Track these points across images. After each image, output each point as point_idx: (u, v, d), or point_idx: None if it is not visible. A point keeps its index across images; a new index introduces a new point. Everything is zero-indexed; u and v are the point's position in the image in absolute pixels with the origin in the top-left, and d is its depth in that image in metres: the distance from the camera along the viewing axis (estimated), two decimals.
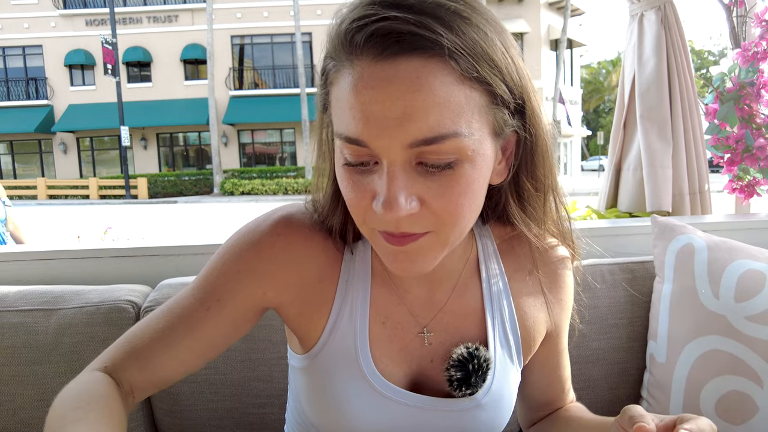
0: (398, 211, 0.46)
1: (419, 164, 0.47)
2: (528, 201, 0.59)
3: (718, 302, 0.91)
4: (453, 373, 0.59)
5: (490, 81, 0.47)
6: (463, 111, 0.46)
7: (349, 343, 0.60)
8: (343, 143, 0.48)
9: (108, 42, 15.67)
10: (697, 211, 1.51)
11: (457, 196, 0.48)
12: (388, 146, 0.46)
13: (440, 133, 0.45)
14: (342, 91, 0.48)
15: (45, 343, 0.91)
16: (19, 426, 0.91)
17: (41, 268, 1.10)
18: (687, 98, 1.47)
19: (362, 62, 0.46)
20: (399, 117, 0.44)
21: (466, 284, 0.63)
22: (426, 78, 0.44)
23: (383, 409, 0.59)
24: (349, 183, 0.50)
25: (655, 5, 1.47)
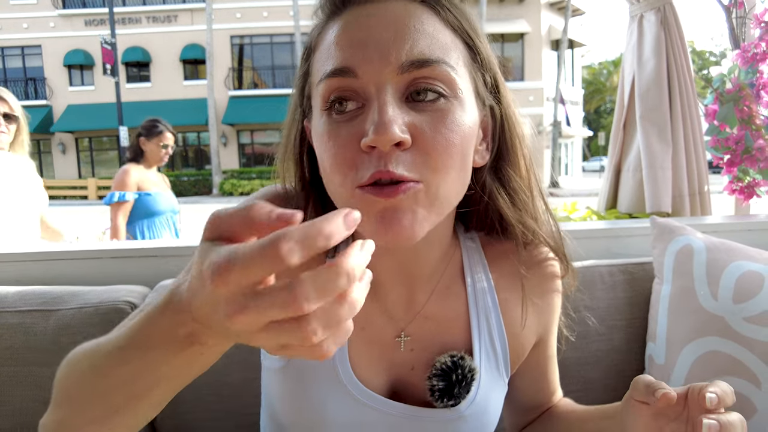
0: (392, 132, 0.42)
1: (408, 99, 0.46)
2: (515, 191, 0.57)
3: (717, 303, 0.91)
4: (435, 382, 0.56)
5: (471, 37, 0.50)
6: (450, 50, 0.47)
7: None
8: (326, 83, 0.46)
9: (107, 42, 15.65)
10: (696, 212, 1.51)
11: (447, 133, 0.45)
12: (378, 70, 0.44)
13: (431, 57, 0.45)
14: (328, 38, 0.48)
15: (44, 343, 0.91)
16: (17, 427, 0.91)
17: (40, 269, 1.10)
18: (687, 99, 1.47)
19: (352, 9, 0.48)
20: (389, 40, 0.45)
21: (448, 287, 0.60)
22: (415, 12, 0.47)
23: (361, 416, 0.57)
24: (332, 134, 0.46)
25: (655, 6, 1.47)
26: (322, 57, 0.48)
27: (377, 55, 0.44)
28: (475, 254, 0.62)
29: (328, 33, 0.48)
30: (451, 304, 0.60)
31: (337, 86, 0.46)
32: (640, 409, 0.48)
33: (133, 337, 0.38)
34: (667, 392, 0.44)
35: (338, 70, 0.45)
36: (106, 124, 18.51)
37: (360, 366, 0.58)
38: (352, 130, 0.45)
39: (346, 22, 0.47)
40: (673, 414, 0.47)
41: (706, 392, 0.43)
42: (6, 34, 19.85)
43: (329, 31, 0.48)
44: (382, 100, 0.44)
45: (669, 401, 0.45)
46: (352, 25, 0.46)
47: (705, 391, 0.43)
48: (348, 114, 0.46)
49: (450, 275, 0.60)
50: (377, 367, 0.59)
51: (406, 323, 0.59)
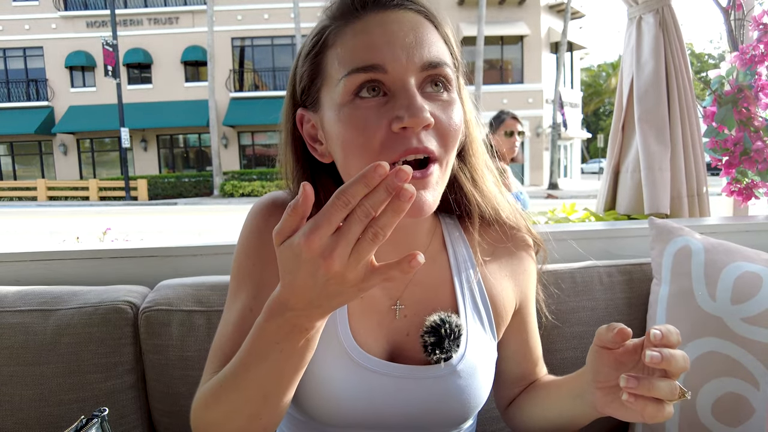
0: (425, 117, 0.52)
1: (423, 91, 0.56)
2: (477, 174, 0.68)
3: (715, 304, 0.91)
4: (427, 338, 0.63)
5: (453, 49, 0.60)
6: (447, 56, 0.58)
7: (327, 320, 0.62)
8: (354, 77, 0.54)
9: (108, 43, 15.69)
10: (695, 213, 1.51)
11: (455, 118, 0.57)
12: (405, 67, 0.54)
13: (442, 60, 0.56)
14: (350, 39, 0.56)
15: (43, 343, 0.91)
16: (17, 426, 0.91)
17: (40, 269, 1.11)
18: (685, 101, 1.48)
19: (370, 14, 0.56)
20: (413, 43, 0.55)
21: (433, 258, 0.69)
22: (424, 24, 0.57)
23: (362, 379, 0.62)
24: (360, 118, 0.54)
25: (654, 8, 1.48)
26: (344, 54, 0.56)
27: (404, 55, 0.54)
28: (454, 230, 0.72)
29: (348, 33, 0.56)
30: (437, 272, 0.68)
31: (368, 79, 0.54)
32: (603, 356, 0.54)
33: (250, 349, 0.50)
34: (622, 328, 0.51)
35: (370, 66, 0.54)
36: (107, 126, 18.53)
37: (360, 334, 0.64)
38: (382, 115, 0.54)
39: (368, 25, 0.56)
40: (630, 363, 0.53)
41: (651, 329, 0.49)
42: (8, 35, 19.89)
43: (349, 31, 0.56)
44: (411, 91, 0.54)
45: (624, 336, 0.51)
46: (376, 28, 0.55)
47: (650, 329, 0.49)
48: (374, 101, 0.54)
49: (434, 247, 0.69)
50: (376, 334, 0.65)
51: (399, 292, 0.67)
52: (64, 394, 0.91)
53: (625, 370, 0.52)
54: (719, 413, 0.88)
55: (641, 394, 0.48)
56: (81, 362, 0.91)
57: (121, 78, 17.41)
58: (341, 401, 0.62)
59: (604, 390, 0.55)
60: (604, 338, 0.52)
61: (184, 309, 0.94)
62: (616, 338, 0.51)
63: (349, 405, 0.62)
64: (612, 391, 0.54)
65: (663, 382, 0.48)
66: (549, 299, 1.03)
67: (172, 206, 15.82)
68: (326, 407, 0.63)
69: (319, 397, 0.63)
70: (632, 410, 0.50)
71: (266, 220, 0.65)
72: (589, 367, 0.56)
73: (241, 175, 18.52)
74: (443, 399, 0.63)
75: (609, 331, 0.51)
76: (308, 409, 0.65)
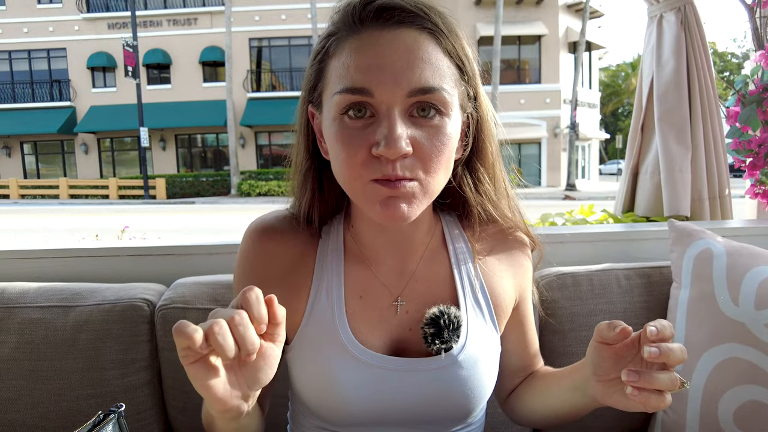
0: (400, 148, 0.53)
1: (410, 116, 0.56)
2: (480, 181, 0.69)
3: (738, 309, 0.89)
4: (426, 330, 0.64)
5: (461, 59, 0.59)
6: (446, 75, 0.57)
7: (327, 319, 0.65)
8: (344, 96, 0.55)
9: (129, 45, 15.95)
10: (716, 216, 1.48)
11: (440, 144, 0.57)
12: (392, 94, 0.54)
13: (433, 85, 0.55)
14: (346, 55, 0.56)
15: (63, 339, 0.93)
16: (38, 420, 0.93)
17: (60, 266, 1.13)
18: (707, 101, 1.44)
19: (368, 30, 0.56)
20: (402, 68, 0.54)
21: (433, 255, 0.70)
22: (422, 43, 0.56)
23: (366, 375, 0.64)
24: (346, 136, 0.56)
25: (675, 6, 1.45)
26: (340, 70, 0.57)
27: (391, 81, 0.54)
28: (454, 228, 0.73)
29: (346, 49, 0.57)
30: (437, 268, 0.70)
31: (355, 101, 0.55)
32: (603, 351, 0.56)
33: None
34: (624, 327, 0.52)
35: (357, 89, 0.55)
36: (127, 125, 18.83)
37: (361, 331, 0.66)
38: (365, 138, 0.55)
39: (363, 44, 0.56)
40: (629, 356, 0.55)
41: (647, 326, 0.51)
42: (32, 37, 20.35)
43: (347, 46, 0.57)
44: (392, 119, 0.54)
45: (626, 334, 0.52)
46: (369, 49, 0.55)
47: (646, 326, 0.51)
48: (361, 121, 0.56)
49: (434, 244, 0.71)
50: (378, 330, 0.67)
51: (400, 289, 0.68)
52: (83, 389, 0.93)
53: (624, 363, 0.55)
54: (741, 421, 0.86)
55: (643, 387, 0.51)
56: (99, 358, 0.93)
57: (141, 78, 17.68)
58: (348, 399, 0.63)
59: (604, 383, 0.57)
60: (605, 335, 0.53)
61: (200, 307, 0.95)
62: (618, 337, 0.52)
63: (356, 402, 0.63)
64: (612, 383, 0.56)
65: (663, 374, 0.51)
66: (567, 302, 1.02)
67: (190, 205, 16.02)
68: (334, 407, 0.64)
69: (326, 397, 0.64)
70: (635, 402, 0.52)
71: (251, 246, 0.69)
72: (589, 361, 0.58)
73: (258, 174, 18.66)
74: (446, 390, 0.65)
75: (610, 329, 0.53)
76: (317, 410, 0.66)
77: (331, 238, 0.70)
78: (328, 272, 0.68)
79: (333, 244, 0.69)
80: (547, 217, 1.69)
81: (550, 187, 19.00)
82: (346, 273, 0.68)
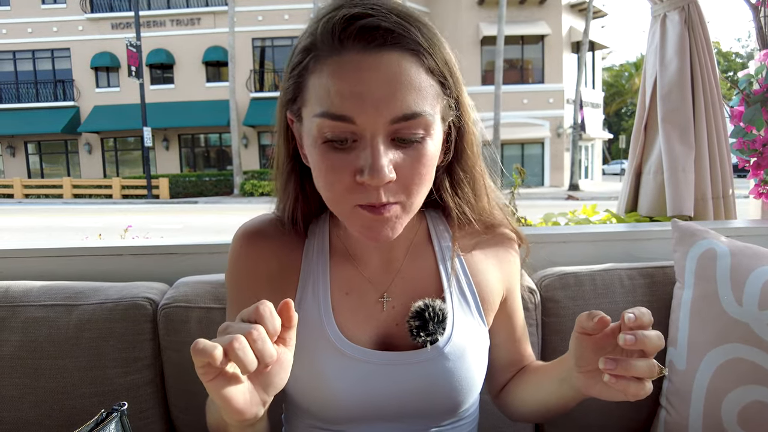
0: (384, 177, 0.53)
1: (393, 140, 0.56)
2: (460, 185, 0.69)
3: (741, 309, 0.88)
4: (412, 323, 0.65)
5: (444, 74, 0.58)
6: (428, 95, 0.56)
7: (314, 316, 0.66)
8: (325, 121, 0.55)
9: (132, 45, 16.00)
10: (720, 216, 1.47)
11: (421, 167, 0.57)
12: (374, 122, 0.54)
13: (415, 111, 0.55)
14: (326, 76, 0.55)
15: (66, 337, 0.93)
16: (40, 418, 0.93)
17: (64, 265, 1.13)
18: (711, 101, 1.44)
19: (350, 52, 0.54)
20: (384, 97, 0.53)
21: (419, 250, 0.71)
22: (404, 66, 0.54)
23: (353, 370, 0.65)
24: (328, 162, 0.56)
25: (679, 5, 1.44)
26: (320, 91, 0.55)
27: (373, 109, 0.53)
28: (439, 223, 0.74)
29: (326, 70, 0.55)
30: (422, 264, 0.71)
31: (336, 128, 0.54)
32: (584, 342, 0.57)
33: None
34: (603, 316, 0.53)
35: (339, 116, 0.54)
36: (130, 125, 18.89)
37: (348, 327, 0.67)
38: (348, 163, 0.55)
39: (344, 68, 0.54)
40: (610, 346, 0.56)
41: (625, 314, 0.52)
42: (37, 37, 20.43)
43: (327, 68, 0.55)
44: (375, 147, 0.54)
45: (604, 324, 0.53)
46: (350, 74, 0.54)
47: (624, 313, 0.52)
48: (343, 148, 0.55)
49: (419, 240, 0.72)
50: (365, 326, 0.68)
51: (386, 285, 0.69)
52: (85, 387, 0.93)
53: (605, 353, 0.55)
54: (745, 422, 0.86)
55: (621, 375, 0.51)
56: (102, 357, 0.93)
57: (144, 78, 17.71)
58: (336, 395, 0.64)
59: (586, 374, 0.58)
60: (585, 325, 0.54)
61: (203, 306, 0.95)
62: (597, 326, 0.53)
63: (345, 398, 0.64)
64: (594, 374, 0.57)
65: (640, 361, 0.51)
66: (570, 302, 1.01)
67: (192, 205, 16.05)
68: (324, 403, 0.65)
69: (316, 394, 0.65)
70: (615, 390, 0.53)
71: (238, 251, 0.71)
72: (571, 352, 0.59)
73: (260, 174, 18.68)
74: (435, 382, 0.65)
75: (590, 319, 0.53)
76: (308, 408, 0.67)
77: (317, 238, 0.71)
78: (314, 271, 0.69)
79: (319, 243, 0.70)
80: (550, 217, 1.69)
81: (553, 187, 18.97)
82: (332, 271, 0.69)
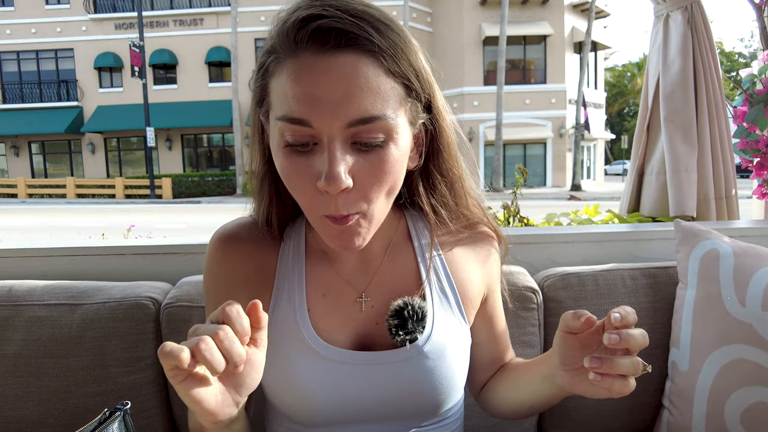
0: (340, 183, 0.52)
1: (353, 144, 0.54)
2: (434, 187, 0.68)
3: (745, 310, 0.88)
4: (391, 321, 0.64)
5: (408, 76, 0.56)
6: (389, 98, 0.54)
7: (290, 319, 0.65)
8: (285, 125, 0.54)
9: (136, 45, 16.03)
10: (723, 216, 1.47)
11: (382, 174, 0.56)
12: (330, 125, 0.52)
13: (373, 114, 0.53)
14: (284, 79, 0.54)
15: (69, 336, 0.94)
16: (44, 416, 0.93)
17: (67, 264, 1.13)
18: (714, 101, 1.43)
19: (305, 54, 0.53)
20: (339, 99, 0.52)
21: (397, 248, 0.71)
22: (361, 69, 0.53)
23: (330, 372, 0.64)
24: (291, 167, 0.56)
25: (682, 5, 1.44)
26: (280, 94, 0.55)
27: (328, 112, 0.52)
28: (419, 220, 0.73)
29: (284, 73, 0.54)
30: (402, 261, 0.70)
31: (295, 131, 0.54)
32: (569, 340, 0.56)
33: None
34: (589, 316, 0.53)
35: (296, 120, 0.53)
36: (133, 125, 18.94)
37: (325, 329, 0.66)
38: (309, 169, 0.55)
39: (300, 71, 0.53)
40: (595, 344, 0.56)
41: (611, 313, 0.51)
42: (41, 38, 20.50)
43: (285, 70, 0.54)
44: (332, 152, 0.53)
45: (590, 324, 0.53)
46: (305, 77, 0.53)
47: (610, 313, 0.51)
48: (305, 148, 0.55)
49: (398, 238, 0.71)
50: (344, 327, 0.67)
51: (364, 285, 0.69)
52: (88, 386, 0.93)
53: (590, 351, 0.56)
54: (748, 423, 0.85)
55: (606, 373, 0.52)
56: (104, 356, 0.93)
57: (147, 78, 17.75)
58: (315, 397, 0.63)
59: (571, 372, 0.58)
60: (571, 324, 0.54)
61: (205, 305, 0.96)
62: (583, 327, 0.53)
63: (324, 400, 0.63)
64: (579, 372, 0.57)
65: (625, 359, 0.51)
66: (572, 302, 1.01)
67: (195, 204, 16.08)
68: (302, 406, 0.64)
69: (294, 397, 0.64)
70: (600, 388, 0.53)
71: (214, 255, 0.70)
72: (556, 351, 0.58)
73: None
74: (415, 382, 0.64)
75: (575, 319, 0.53)
76: (287, 412, 0.66)
77: (293, 240, 0.70)
78: (290, 273, 0.68)
79: (295, 245, 0.70)
80: (552, 217, 1.68)
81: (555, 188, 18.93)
82: (308, 272, 0.68)
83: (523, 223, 1.63)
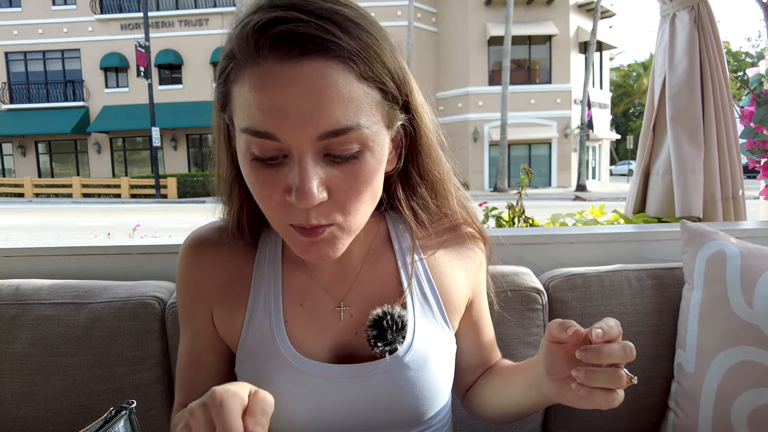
0: (312, 200, 0.49)
1: (326, 155, 0.51)
2: (414, 189, 0.65)
3: (752, 312, 0.87)
4: (370, 332, 0.62)
5: (382, 79, 0.52)
6: (363, 105, 0.50)
7: (266, 331, 0.63)
8: (250, 138, 0.50)
9: (141, 45, 16.10)
10: (730, 217, 1.46)
11: (359, 184, 0.52)
12: (299, 139, 0.49)
13: (346, 125, 0.49)
14: (247, 89, 0.49)
15: (75, 335, 0.94)
16: (50, 415, 0.94)
17: (73, 263, 1.14)
18: (720, 101, 1.43)
19: (268, 62, 0.48)
20: (308, 111, 0.48)
21: (377, 254, 0.67)
22: (330, 76, 0.48)
23: (309, 386, 0.61)
24: (258, 179, 0.52)
25: (688, 5, 1.43)
26: (243, 104, 0.50)
27: (297, 126, 0.48)
28: (399, 223, 0.70)
29: (246, 81, 0.50)
30: (382, 267, 0.67)
31: (262, 145, 0.50)
32: (555, 350, 0.54)
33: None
34: (577, 329, 0.51)
35: (262, 133, 0.49)
36: (139, 125, 19.02)
37: (303, 340, 0.63)
38: (278, 181, 0.51)
39: (263, 80, 0.48)
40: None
41: (593, 329, 0.49)
42: (47, 38, 20.64)
43: (246, 77, 0.50)
44: (302, 166, 0.49)
45: (578, 336, 0.51)
46: (269, 87, 0.48)
47: (592, 328, 0.49)
48: (274, 161, 0.51)
49: (378, 243, 0.68)
50: (321, 337, 0.64)
51: (343, 294, 0.65)
52: (94, 385, 0.94)
53: (577, 361, 0.52)
54: (755, 425, 0.85)
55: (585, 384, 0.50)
56: (110, 355, 0.94)
57: (153, 78, 17.82)
58: (294, 413, 0.61)
59: (557, 381, 0.55)
60: (556, 335, 0.52)
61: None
62: (570, 339, 0.51)
63: (301, 414, 0.61)
64: (565, 382, 0.55)
65: (602, 372, 0.49)
66: (577, 303, 1.01)
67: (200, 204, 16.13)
68: (280, 421, 0.61)
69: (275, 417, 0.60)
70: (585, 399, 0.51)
71: (186, 261, 0.68)
72: (541, 360, 0.56)
73: None
74: (396, 393, 0.62)
75: (561, 330, 0.51)
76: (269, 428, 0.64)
77: (269, 246, 0.67)
78: (266, 282, 0.65)
79: (271, 251, 0.66)
80: (557, 218, 1.68)
81: (561, 188, 18.88)
82: (285, 281, 0.65)
83: (528, 224, 1.62)
